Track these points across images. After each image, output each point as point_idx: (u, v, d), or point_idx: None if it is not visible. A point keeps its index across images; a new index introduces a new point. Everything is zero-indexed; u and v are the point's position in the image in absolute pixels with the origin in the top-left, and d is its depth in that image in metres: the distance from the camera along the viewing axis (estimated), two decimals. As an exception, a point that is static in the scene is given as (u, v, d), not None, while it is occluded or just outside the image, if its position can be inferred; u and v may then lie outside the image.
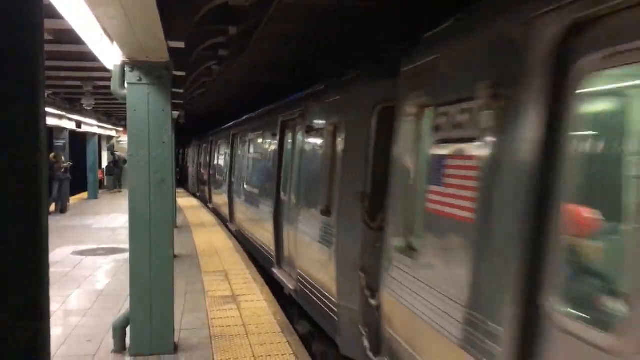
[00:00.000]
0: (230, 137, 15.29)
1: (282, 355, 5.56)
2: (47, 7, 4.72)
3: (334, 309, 5.40)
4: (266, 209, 9.18)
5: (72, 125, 19.55)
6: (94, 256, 10.85)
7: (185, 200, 23.32)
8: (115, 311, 6.82)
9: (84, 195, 23.81)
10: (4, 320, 0.68)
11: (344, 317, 5.22)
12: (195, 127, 27.78)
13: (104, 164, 28.10)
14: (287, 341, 5.96)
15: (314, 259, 6.14)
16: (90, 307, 7.42)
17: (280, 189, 8.39)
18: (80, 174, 23.00)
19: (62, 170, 18.36)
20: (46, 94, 9.35)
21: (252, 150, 12.17)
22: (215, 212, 18.13)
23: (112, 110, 20.91)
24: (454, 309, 3.05)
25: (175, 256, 10.49)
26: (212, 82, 12.28)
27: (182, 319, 6.69)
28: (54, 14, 4.87)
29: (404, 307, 3.78)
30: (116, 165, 27.08)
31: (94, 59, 7.39)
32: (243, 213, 12.36)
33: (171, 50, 5.27)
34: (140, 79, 5.48)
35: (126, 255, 9.56)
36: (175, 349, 5.71)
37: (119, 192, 26.23)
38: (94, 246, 11.92)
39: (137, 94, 5.49)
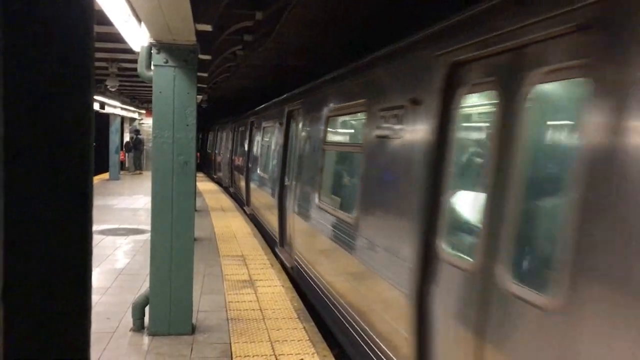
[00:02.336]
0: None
1: (299, 341, 5.59)
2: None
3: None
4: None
5: (95, 106, 19.75)
6: (115, 236, 10.99)
7: (204, 185, 23.48)
8: (135, 290, 6.92)
9: (106, 175, 24.12)
10: (53, 292, 0.70)
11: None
12: (218, 111, 27.87)
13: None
14: (304, 327, 5.99)
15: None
16: (110, 285, 7.52)
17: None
18: (102, 155, 23.31)
19: None
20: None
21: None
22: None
23: (136, 92, 21.07)
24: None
25: (194, 239, 10.63)
26: (236, 66, 12.30)
27: (199, 301, 6.76)
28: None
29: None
30: (136, 146, 27.30)
31: (119, 40, 7.44)
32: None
33: (198, 34, 5.28)
34: (166, 61, 5.50)
35: (146, 235, 9.69)
36: (193, 329, 5.78)
37: (140, 173, 26.51)
38: (115, 226, 12.07)
39: (163, 76, 5.52)
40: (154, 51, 5.50)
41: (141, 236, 10.82)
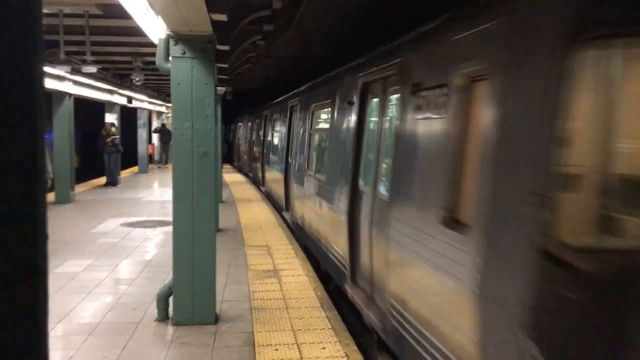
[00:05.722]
0: None
1: (321, 329, 5.59)
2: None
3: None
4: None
5: (123, 101, 20.00)
6: (143, 228, 11.15)
7: (230, 176, 23.66)
8: (161, 281, 6.99)
9: (135, 169, 24.48)
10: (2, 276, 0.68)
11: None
12: (245, 103, 27.86)
13: (154, 139, 28.65)
14: (327, 316, 5.98)
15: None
16: (136, 276, 7.63)
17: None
18: (132, 148, 23.66)
19: (110, 144, 18.72)
20: (95, 69, 9.55)
21: None
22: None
23: (161, 86, 21.27)
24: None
25: (219, 230, 10.70)
26: (258, 57, 12.28)
27: (224, 291, 6.80)
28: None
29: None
30: (163, 139, 27.52)
31: (142, 33, 7.48)
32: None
33: (214, 24, 5.27)
34: (184, 53, 5.51)
35: (172, 227, 9.79)
36: (217, 319, 5.82)
37: (166, 167, 26.83)
38: (143, 218, 12.24)
39: (181, 67, 5.53)
40: (171, 43, 5.51)
41: (168, 228, 10.90)
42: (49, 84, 12.52)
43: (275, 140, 14.96)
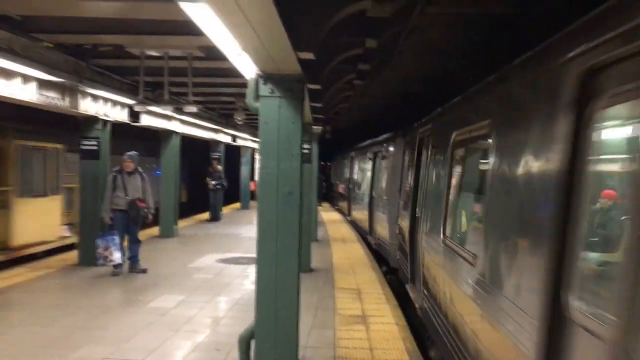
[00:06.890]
0: None
1: (407, 386, 5.15)
2: (193, 23, 4.83)
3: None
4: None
5: (227, 139, 20.76)
6: (237, 264, 11.23)
7: (327, 214, 23.62)
8: (247, 321, 6.84)
9: (238, 205, 25.20)
10: None
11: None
12: (348, 141, 27.98)
13: (257, 176, 29.47)
14: (414, 372, 5.54)
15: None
16: (224, 315, 7.59)
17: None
18: (237, 185, 24.46)
19: (214, 182, 19.45)
20: (196, 109, 9.88)
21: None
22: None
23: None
24: None
25: (311, 270, 10.54)
26: (355, 96, 12.21)
27: (308, 336, 6.56)
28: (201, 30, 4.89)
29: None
30: None
31: (241, 75, 7.61)
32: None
33: (302, 62, 5.18)
34: (272, 92, 5.46)
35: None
36: (298, 367, 5.57)
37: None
38: (239, 254, 12.36)
39: (268, 106, 5.48)
40: (260, 82, 5.49)
41: (261, 265, 10.93)
42: (158, 123, 13.21)
43: (344, 172, 25.80)
